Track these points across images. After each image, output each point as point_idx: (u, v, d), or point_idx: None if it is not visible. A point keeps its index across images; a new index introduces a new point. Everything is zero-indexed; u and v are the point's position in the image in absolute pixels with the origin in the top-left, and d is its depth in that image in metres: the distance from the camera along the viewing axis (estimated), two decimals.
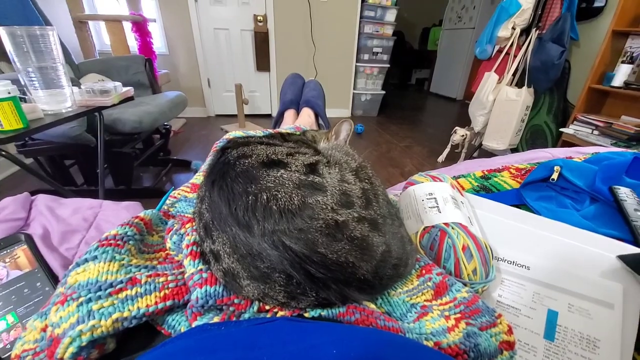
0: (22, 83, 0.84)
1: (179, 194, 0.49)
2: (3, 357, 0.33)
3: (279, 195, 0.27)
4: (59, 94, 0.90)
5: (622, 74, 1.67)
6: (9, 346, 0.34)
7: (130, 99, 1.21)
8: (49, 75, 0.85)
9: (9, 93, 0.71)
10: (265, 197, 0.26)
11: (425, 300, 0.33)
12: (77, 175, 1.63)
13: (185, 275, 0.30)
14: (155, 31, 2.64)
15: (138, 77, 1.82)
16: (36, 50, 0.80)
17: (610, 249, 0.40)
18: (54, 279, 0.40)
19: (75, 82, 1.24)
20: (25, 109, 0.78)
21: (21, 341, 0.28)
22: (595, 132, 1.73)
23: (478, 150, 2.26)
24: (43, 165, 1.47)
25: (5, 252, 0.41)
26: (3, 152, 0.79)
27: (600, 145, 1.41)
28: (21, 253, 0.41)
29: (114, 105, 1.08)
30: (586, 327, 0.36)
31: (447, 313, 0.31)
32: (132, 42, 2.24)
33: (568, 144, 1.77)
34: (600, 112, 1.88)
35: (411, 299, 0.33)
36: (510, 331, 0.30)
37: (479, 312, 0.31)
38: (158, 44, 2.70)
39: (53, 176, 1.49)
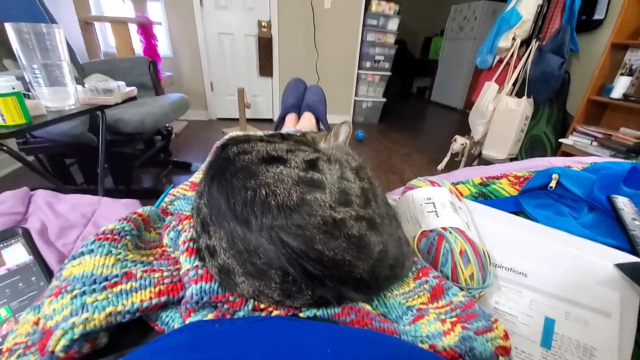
0: (27, 80, 0.85)
1: (177, 192, 0.49)
2: None
3: (278, 191, 0.27)
4: (62, 91, 0.90)
5: (621, 86, 1.68)
6: (0, 340, 0.34)
7: (133, 98, 1.22)
8: (54, 73, 0.85)
9: (13, 88, 0.72)
10: (264, 193, 0.27)
11: (421, 303, 0.33)
12: (77, 174, 1.63)
13: (181, 272, 0.30)
14: (161, 34, 2.67)
15: (142, 79, 1.83)
16: (42, 48, 0.81)
17: (608, 258, 0.40)
18: (49, 274, 0.40)
19: (80, 82, 1.24)
20: (29, 105, 0.78)
21: (13, 334, 0.28)
22: (595, 143, 1.74)
23: (478, 159, 2.27)
24: (43, 164, 1.47)
25: (1, 245, 0.41)
26: (4, 147, 0.79)
27: (599, 156, 1.42)
28: (18, 247, 0.41)
29: (117, 104, 1.09)
30: (583, 336, 0.35)
31: (443, 316, 0.30)
32: (137, 45, 2.26)
33: (567, 155, 1.77)
34: (599, 124, 1.89)
35: (407, 301, 0.33)
36: (506, 336, 0.30)
37: (475, 317, 0.31)
38: (163, 46, 2.72)
39: (54, 174, 1.49)
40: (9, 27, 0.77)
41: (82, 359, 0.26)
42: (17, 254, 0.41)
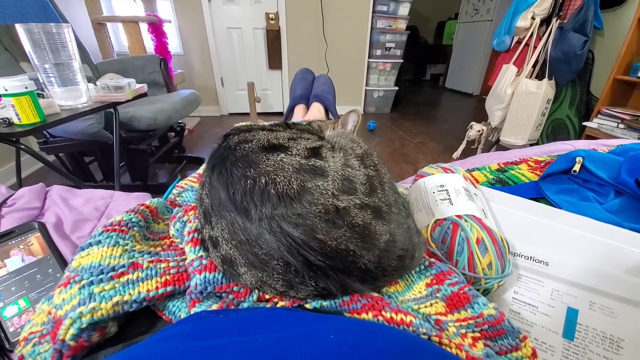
0: (40, 80, 0.87)
1: (185, 184, 0.49)
2: (12, 340, 0.34)
3: (278, 180, 0.26)
4: (74, 90, 0.93)
5: None
6: (19, 330, 0.35)
7: (144, 95, 1.23)
8: (65, 72, 0.87)
9: (26, 88, 0.74)
10: (263, 181, 0.26)
11: (437, 313, 0.30)
12: (97, 171, 1.69)
13: (186, 262, 0.29)
14: (171, 32, 2.69)
15: (154, 77, 1.86)
16: (53, 48, 0.82)
17: (636, 244, 0.37)
18: (65, 266, 0.41)
19: (93, 81, 1.27)
20: (43, 104, 0.81)
21: (30, 324, 0.29)
22: (621, 125, 1.64)
23: (495, 146, 2.19)
24: (64, 162, 1.53)
25: (20, 239, 0.42)
26: (22, 146, 0.82)
27: (627, 139, 1.33)
28: (35, 240, 0.43)
29: (128, 100, 1.10)
30: (609, 326, 0.33)
31: (463, 330, 0.28)
32: (149, 43, 2.29)
33: (592, 139, 1.68)
34: (626, 105, 1.78)
35: (420, 307, 0.30)
36: (534, 354, 0.28)
37: (503, 334, 0.28)
38: (173, 44, 2.75)
39: (74, 172, 1.54)
40: (19, 28, 0.78)
41: (93, 347, 0.27)
42: (34, 247, 0.42)
